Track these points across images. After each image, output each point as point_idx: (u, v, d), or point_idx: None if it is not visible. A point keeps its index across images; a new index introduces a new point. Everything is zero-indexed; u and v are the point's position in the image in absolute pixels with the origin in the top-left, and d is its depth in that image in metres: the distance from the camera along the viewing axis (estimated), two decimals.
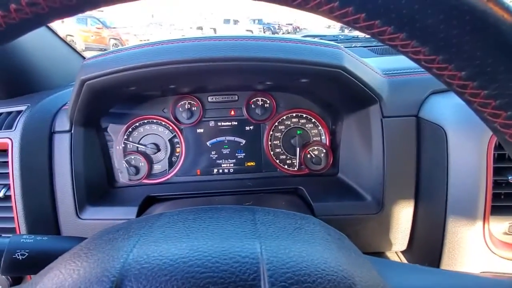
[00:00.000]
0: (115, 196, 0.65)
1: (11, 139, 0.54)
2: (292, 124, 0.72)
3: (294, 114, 0.71)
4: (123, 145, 0.70)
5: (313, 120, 0.71)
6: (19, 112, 0.58)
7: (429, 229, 0.53)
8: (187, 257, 0.19)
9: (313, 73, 0.47)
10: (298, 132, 0.72)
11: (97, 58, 0.47)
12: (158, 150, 0.71)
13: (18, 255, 0.34)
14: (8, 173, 0.55)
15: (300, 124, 0.72)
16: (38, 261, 0.36)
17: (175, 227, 0.24)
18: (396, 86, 0.55)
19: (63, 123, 0.58)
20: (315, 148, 0.70)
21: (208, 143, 0.73)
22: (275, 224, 0.24)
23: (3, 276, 0.58)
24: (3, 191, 0.56)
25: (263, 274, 0.18)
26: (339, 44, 0.51)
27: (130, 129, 0.71)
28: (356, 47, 1.09)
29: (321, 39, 1.10)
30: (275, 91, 0.70)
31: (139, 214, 0.58)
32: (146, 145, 0.71)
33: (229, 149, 0.73)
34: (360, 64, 0.50)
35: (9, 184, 0.55)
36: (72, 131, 0.58)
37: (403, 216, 0.55)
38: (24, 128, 0.55)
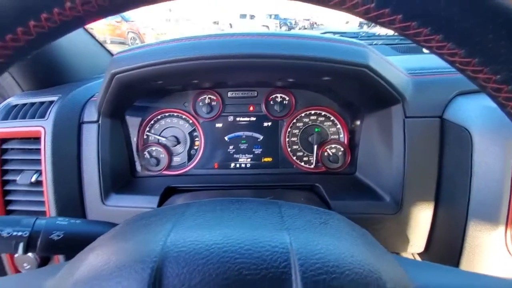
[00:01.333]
0: (137, 185, 0.68)
1: (44, 127, 0.58)
2: (310, 122, 0.72)
3: (312, 112, 0.71)
4: (145, 137, 0.73)
5: (332, 118, 0.71)
6: (51, 102, 0.61)
7: (449, 232, 0.52)
8: (221, 243, 0.20)
9: (337, 71, 0.47)
10: (316, 129, 0.72)
11: (127, 52, 0.49)
12: (178, 142, 0.73)
13: (54, 236, 0.37)
14: (40, 159, 0.58)
15: (318, 122, 0.72)
16: (72, 242, 0.38)
17: (206, 216, 0.25)
18: (421, 86, 0.54)
19: (91, 113, 0.61)
20: (333, 146, 0.70)
21: (226, 138, 0.74)
22: (301, 217, 0.24)
23: (32, 256, 0.62)
24: (35, 176, 0.59)
25: (293, 263, 0.19)
26: (363, 42, 0.51)
27: (152, 122, 0.73)
28: (377, 44, 1.07)
29: (341, 36, 1.09)
30: (295, 88, 0.71)
31: (160, 203, 0.60)
32: (167, 137, 0.73)
33: (246, 144, 0.74)
34: (384, 62, 0.50)
35: (40, 170, 0.59)
36: (100, 122, 0.60)
37: (422, 217, 0.54)
38: (56, 118, 0.58)
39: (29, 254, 0.63)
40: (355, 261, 0.20)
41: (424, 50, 1.03)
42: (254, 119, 0.73)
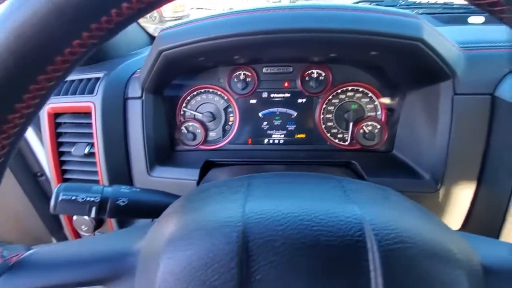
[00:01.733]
0: (177, 158, 0.71)
1: (94, 103, 0.61)
2: (346, 98, 0.71)
3: (349, 88, 0.70)
4: (181, 113, 0.76)
5: (370, 94, 0.69)
6: (97, 78, 0.64)
7: (489, 210, 0.52)
8: (296, 212, 0.22)
9: (387, 45, 0.45)
10: (352, 106, 0.71)
11: (173, 29, 0.50)
12: (214, 118, 0.75)
13: (120, 202, 0.41)
14: (91, 133, 0.63)
15: (355, 98, 0.70)
16: (135, 208, 0.42)
17: (273, 188, 0.27)
18: (472, 61, 0.52)
19: (135, 90, 0.63)
20: (369, 123, 0.70)
21: (260, 114, 0.75)
22: (363, 192, 0.26)
23: (88, 219, 0.70)
24: (87, 148, 0.64)
25: (368, 233, 0.20)
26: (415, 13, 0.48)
27: (188, 98, 0.75)
28: (418, 13, 0.99)
29: (377, 4, 1.02)
30: (332, 63, 0.69)
31: (200, 176, 0.63)
32: (202, 113, 0.75)
33: (280, 121, 0.75)
34: (438, 35, 0.47)
35: (92, 143, 0.64)
36: (143, 98, 0.63)
37: (462, 196, 0.54)
38: (104, 94, 0.61)
39: (85, 217, 0.70)
40: (425, 232, 0.21)
41: (470, 21, 0.94)
42: (288, 95, 0.73)
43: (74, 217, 0.68)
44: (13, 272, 0.23)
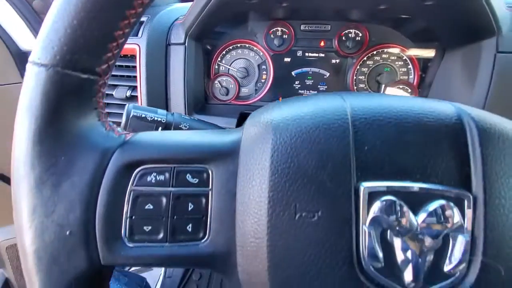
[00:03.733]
0: (212, 109, 0.74)
1: (139, 45, 0.62)
2: (381, 60, 0.72)
3: (385, 50, 0.71)
4: (216, 66, 0.77)
5: (404, 57, 0.71)
6: (141, 22, 0.65)
7: None
8: (394, 103, 0.24)
9: None
10: (386, 69, 0.72)
11: None
12: (247, 74, 0.77)
13: (182, 126, 0.44)
14: (134, 76, 0.64)
15: (389, 60, 0.72)
16: None
17: (366, 97, 0.28)
18: None
19: (178, 36, 0.64)
20: (400, 87, 0.72)
21: (293, 73, 0.76)
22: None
23: None
24: (129, 91, 0.66)
25: (465, 117, 0.23)
26: None
27: (224, 52, 0.76)
28: None
29: None
30: (371, 23, 0.70)
31: (237, 125, 0.65)
32: (237, 68, 0.76)
33: (312, 80, 0.76)
34: None
35: (134, 86, 0.65)
36: (186, 44, 0.64)
37: None
38: (148, 37, 0.62)
39: None
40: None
41: None
42: (323, 55, 0.75)
43: None
44: (128, 144, 0.25)
